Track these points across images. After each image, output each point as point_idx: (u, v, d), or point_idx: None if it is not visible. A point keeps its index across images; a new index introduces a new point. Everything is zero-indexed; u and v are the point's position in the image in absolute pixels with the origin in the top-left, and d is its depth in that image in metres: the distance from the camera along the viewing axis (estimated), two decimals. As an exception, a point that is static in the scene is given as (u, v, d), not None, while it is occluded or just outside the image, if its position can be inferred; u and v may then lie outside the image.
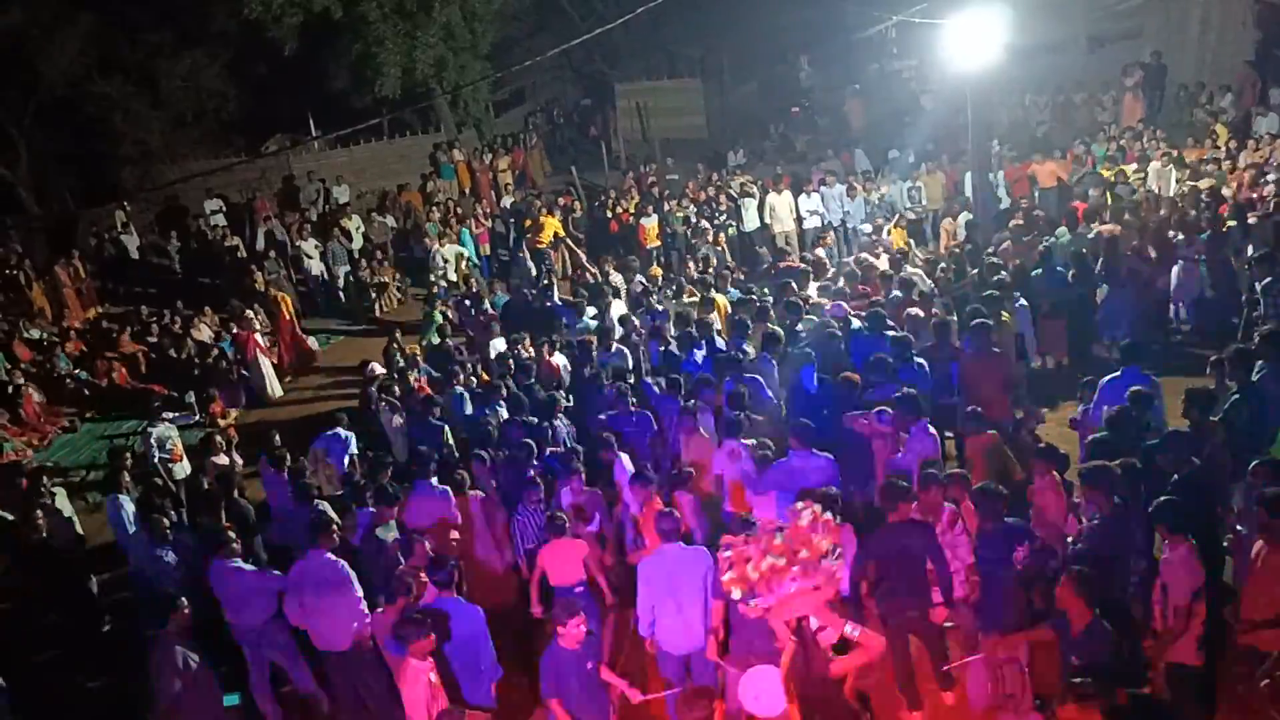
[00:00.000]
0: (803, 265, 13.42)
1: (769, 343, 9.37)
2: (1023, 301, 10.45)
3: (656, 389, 9.52)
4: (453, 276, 16.63)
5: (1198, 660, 5.50)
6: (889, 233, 14.81)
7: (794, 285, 11.58)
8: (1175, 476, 6.19)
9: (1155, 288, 11.40)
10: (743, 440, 7.77)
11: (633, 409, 8.89)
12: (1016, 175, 16.46)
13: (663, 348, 10.55)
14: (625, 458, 8.10)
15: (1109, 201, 14.22)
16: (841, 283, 11.99)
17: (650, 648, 6.34)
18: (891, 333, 9.41)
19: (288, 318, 15.35)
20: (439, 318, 13.32)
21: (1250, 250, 11.05)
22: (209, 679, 6.27)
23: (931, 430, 7.55)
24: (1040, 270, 11.15)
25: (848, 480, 7.53)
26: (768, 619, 4.89)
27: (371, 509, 7.65)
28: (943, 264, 12.53)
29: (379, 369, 12.00)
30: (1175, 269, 11.48)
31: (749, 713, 4.79)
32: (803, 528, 4.82)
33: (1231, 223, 11.96)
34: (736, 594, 4.84)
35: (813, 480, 7.08)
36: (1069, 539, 6.43)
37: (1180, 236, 11.85)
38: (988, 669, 5.80)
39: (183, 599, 6.29)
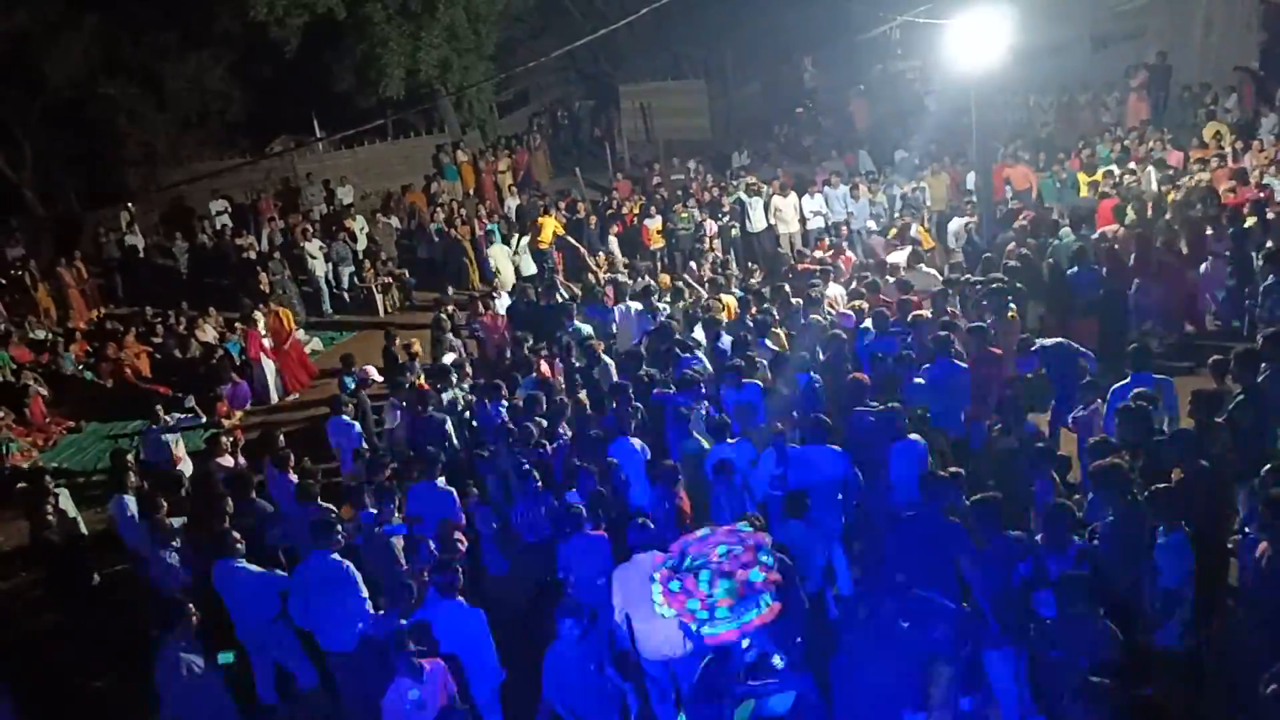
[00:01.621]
0: (820, 267, 13.43)
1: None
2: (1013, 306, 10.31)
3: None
4: (508, 277, 16.64)
5: (1182, 646, 5.56)
6: (916, 231, 14.79)
7: (813, 285, 11.57)
8: (1182, 476, 6.19)
9: (1186, 282, 11.34)
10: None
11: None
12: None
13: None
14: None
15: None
16: (855, 284, 12.00)
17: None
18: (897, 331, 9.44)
19: (288, 330, 14.61)
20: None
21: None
22: (213, 682, 6.28)
23: (915, 441, 7.43)
24: (1077, 269, 11.06)
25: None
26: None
27: (373, 510, 7.67)
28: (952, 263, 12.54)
29: (372, 371, 11.97)
30: (1205, 264, 11.46)
31: None
32: (749, 550, 4.80)
33: (1252, 219, 11.96)
34: (667, 613, 4.81)
35: (827, 473, 7.11)
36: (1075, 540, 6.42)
37: (1210, 231, 11.84)
38: None
39: (190, 605, 6.31)
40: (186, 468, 10.88)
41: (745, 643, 4.91)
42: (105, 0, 20.34)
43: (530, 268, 17.06)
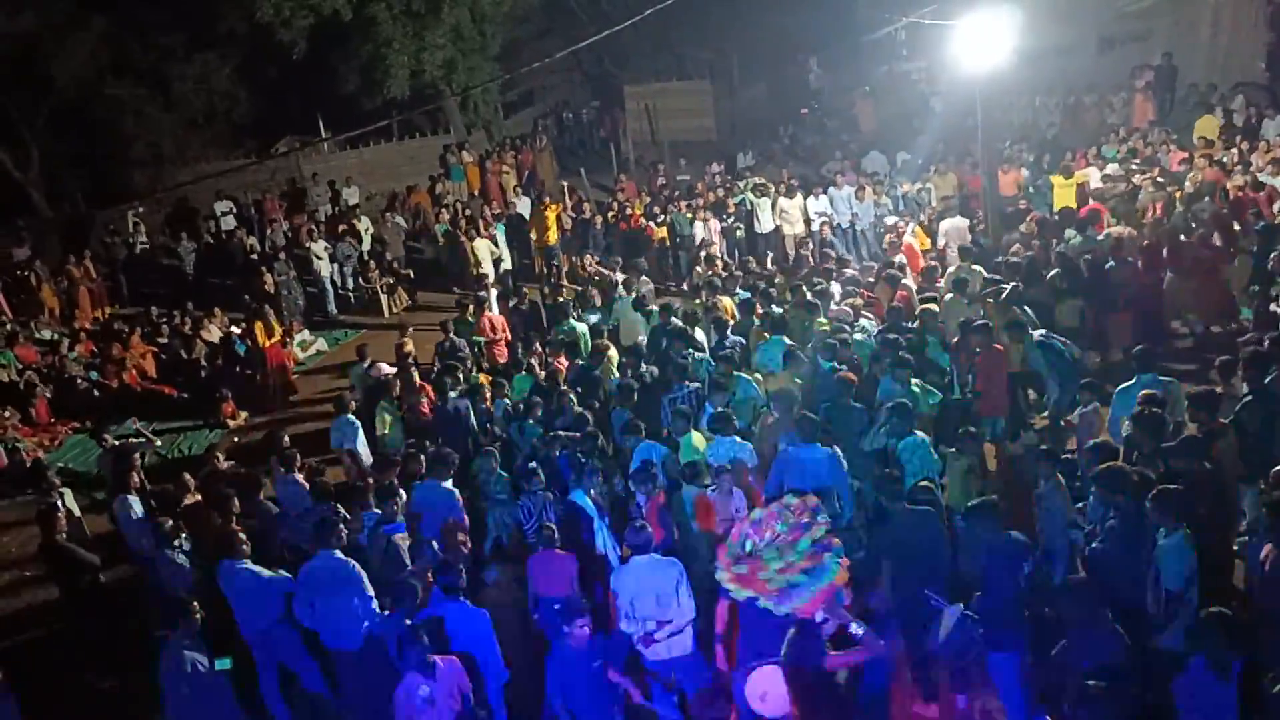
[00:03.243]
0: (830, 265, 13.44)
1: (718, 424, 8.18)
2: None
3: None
4: (489, 272, 16.61)
5: (1187, 649, 5.49)
6: (913, 232, 14.76)
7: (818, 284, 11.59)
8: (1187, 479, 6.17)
9: (1220, 276, 11.27)
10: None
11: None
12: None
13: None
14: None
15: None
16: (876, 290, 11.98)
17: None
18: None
19: (270, 342, 13.77)
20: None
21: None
22: (218, 682, 6.29)
23: (919, 439, 7.44)
24: (1113, 264, 11.02)
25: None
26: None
27: (376, 510, 7.67)
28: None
29: (386, 369, 11.95)
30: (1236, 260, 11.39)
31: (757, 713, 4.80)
32: (801, 522, 4.88)
33: None
34: (740, 595, 4.87)
35: (814, 472, 7.08)
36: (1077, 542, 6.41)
37: (1236, 226, 11.80)
38: None
39: (195, 604, 6.31)
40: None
41: (819, 616, 5.03)
42: (112, 2, 20.43)
43: (510, 263, 17.01)
